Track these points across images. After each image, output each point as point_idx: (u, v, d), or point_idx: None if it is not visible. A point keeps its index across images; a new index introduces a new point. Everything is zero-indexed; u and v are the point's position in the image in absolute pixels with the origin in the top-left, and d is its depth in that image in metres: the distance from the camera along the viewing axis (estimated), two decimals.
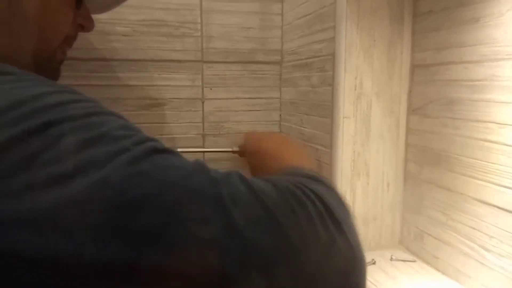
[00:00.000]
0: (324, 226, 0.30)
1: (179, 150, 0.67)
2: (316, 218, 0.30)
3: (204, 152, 0.78)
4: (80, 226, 0.23)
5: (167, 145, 0.30)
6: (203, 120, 0.79)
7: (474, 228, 0.50)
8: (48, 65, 0.42)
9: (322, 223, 0.30)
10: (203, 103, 0.79)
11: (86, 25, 0.49)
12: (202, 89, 0.79)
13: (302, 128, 0.73)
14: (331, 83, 0.61)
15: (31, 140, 0.24)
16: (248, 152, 0.62)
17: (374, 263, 0.59)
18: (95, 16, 0.73)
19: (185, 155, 0.30)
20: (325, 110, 0.64)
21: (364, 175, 0.63)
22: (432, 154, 0.57)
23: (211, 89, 0.79)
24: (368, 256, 0.61)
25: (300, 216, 0.29)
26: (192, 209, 0.26)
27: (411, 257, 0.60)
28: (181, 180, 0.27)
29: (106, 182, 0.24)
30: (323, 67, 0.64)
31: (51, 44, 0.41)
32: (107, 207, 0.24)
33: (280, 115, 0.84)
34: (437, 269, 0.56)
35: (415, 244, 0.61)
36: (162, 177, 0.26)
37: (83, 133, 0.26)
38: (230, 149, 0.67)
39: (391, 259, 0.60)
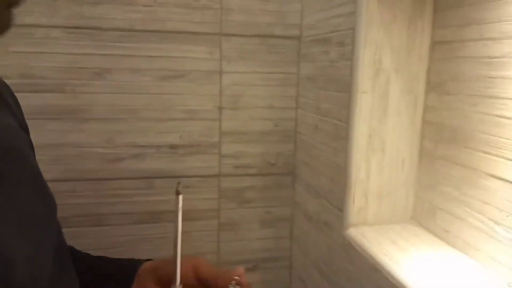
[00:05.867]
0: None
1: None
2: None
3: None
4: None
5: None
6: (220, 93, 0.81)
7: (485, 202, 0.51)
8: None
9: None
10: (220, 76, 0.80)
11: None
12: (220, 62, 0.80)
13: (319, 103, 0.74)
14: (350, 58, 0.62)
15: None
16: None
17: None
18: None
19: None
20: (342, 85, 0.65)
21: (379, 151, 0.64)
22: (448, 131, 0.58)
23: (228, 62, 0.80)
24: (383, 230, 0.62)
25: None
26: None
27: (422, 232, 0.62)
28: None
29: None
30: (342, 41, 0.64)
31: None
32: None
33: (297, 90, 0.84)
34: (447, 243, 0.58)
35: (427, 219, 0.63)
36: None
37: None
38: None
39: (403, 233, 0.61)
